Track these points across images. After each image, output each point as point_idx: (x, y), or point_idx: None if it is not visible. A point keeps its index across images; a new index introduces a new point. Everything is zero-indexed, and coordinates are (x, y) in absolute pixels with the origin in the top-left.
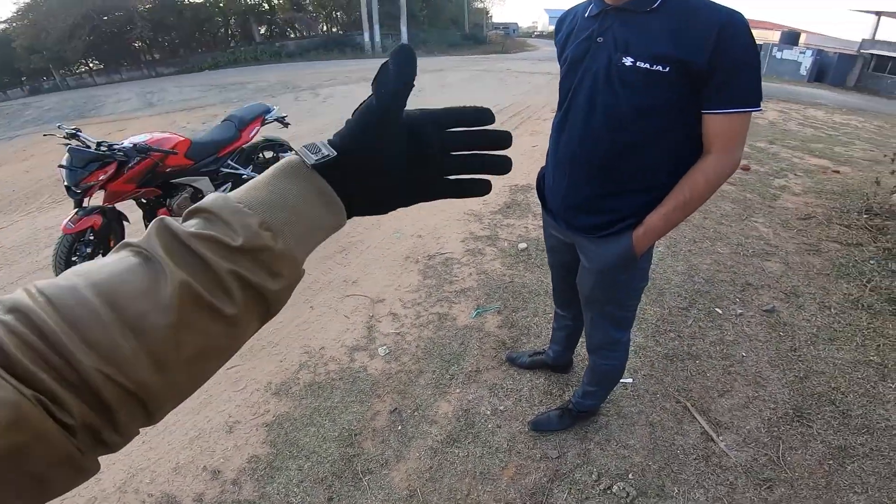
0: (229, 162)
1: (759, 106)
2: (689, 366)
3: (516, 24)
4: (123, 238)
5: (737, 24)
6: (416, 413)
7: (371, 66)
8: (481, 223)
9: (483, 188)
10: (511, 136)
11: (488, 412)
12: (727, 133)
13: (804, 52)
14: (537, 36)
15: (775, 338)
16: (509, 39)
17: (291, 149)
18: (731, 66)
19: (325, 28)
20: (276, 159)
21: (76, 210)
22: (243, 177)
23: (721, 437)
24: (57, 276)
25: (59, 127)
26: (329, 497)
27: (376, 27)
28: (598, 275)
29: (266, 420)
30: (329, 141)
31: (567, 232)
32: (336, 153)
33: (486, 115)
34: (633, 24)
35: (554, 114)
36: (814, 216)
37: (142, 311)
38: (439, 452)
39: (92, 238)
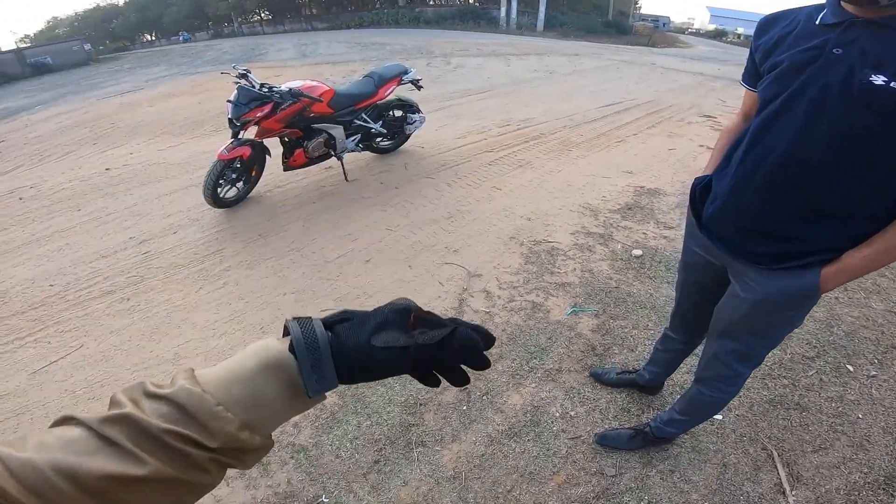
0: (363, 115)
1: None
2: (791, 415)
3: (668, 17)
4: (262, 170)
5: None
6: (484, 397)
7: (503, 42)
8: (596, 220)
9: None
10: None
11: (557, 414)
12: None
13: None
14: (691, 33)
15: None
16: (658, 33)
17: (420, 111)
18: None
19: None
20: (403, 119)
21: (232, 140)
22: (372, 130)
23: (794, 492)
24: (205, 195)
25: (234, 67)
26: (376, 460)
27: (514, 3)
28: (754, 306)
29: None
30: (331, 343)
31: (724, 255)
32: (336, 383)
33: (489, 342)
34: (892, 40)
35: (701, 117)
36: None
37: (103, 489)
38: (496, 442)
39: (238, 166)
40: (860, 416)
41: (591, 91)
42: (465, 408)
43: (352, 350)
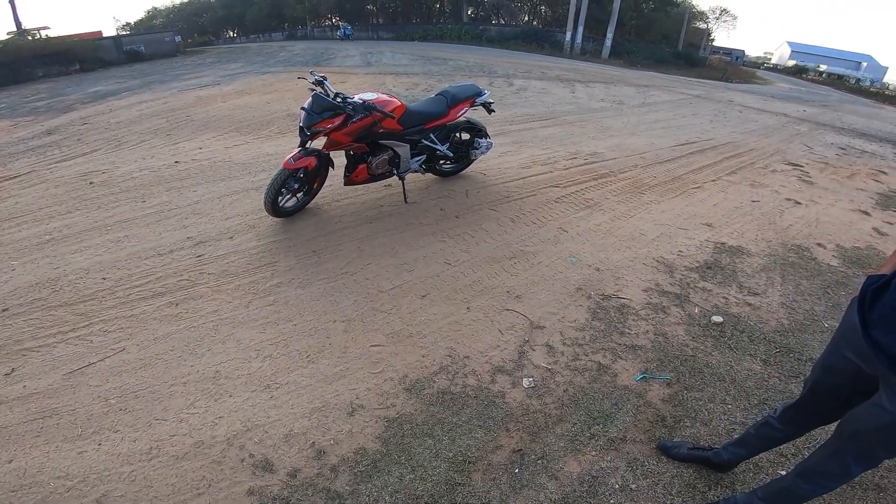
0: (431, 135)
1: None
2: (868, 496)
3: (742, 51)
4: (324, 182)
5: None
6: (539, 461)
7: (567, 66)
8: (672, 277)
9: None
10: None
11: (617, 486)
12: None
13: None
14: (768, 68)
15: None
16: (733, 66)
17: (488, 136)
18: None
19: (527, 19)
20: (470, 143)
21: (299, 149)
22: (438, 152)
23: None
24: (266, 203)
25: (311, 73)
26: None
27: (580, 28)
28: None
29: (389, 415)
30: None
31: (883, 367)
32: None
33: None
34: None
35: (787, 165)
36: None
37: None
38: None
39: (301, 176)
40: None
41: (663, 127)
42: (516, 471)
43: None
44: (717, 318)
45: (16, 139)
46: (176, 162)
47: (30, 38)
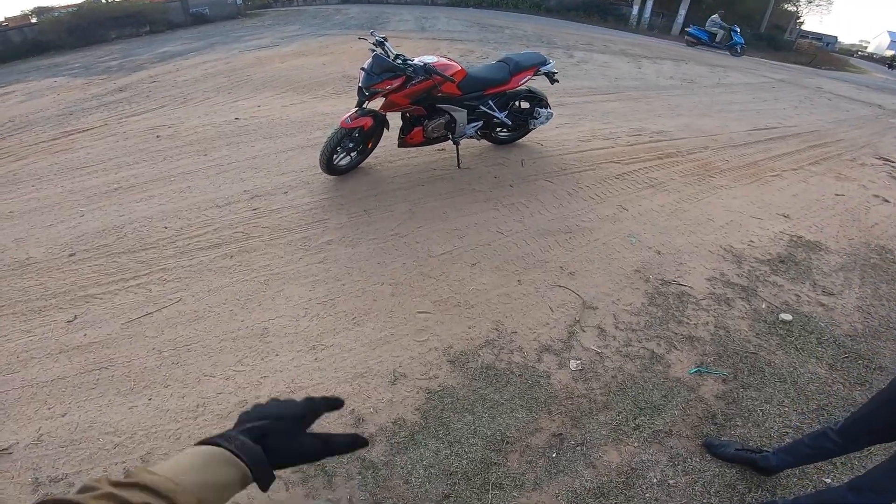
0: (490, 102)
1: None
2: None
3: (835, 37)
4: (378, 142)
5: None
6: (578, 448)
7: (632, 41)
8: (740, 268)
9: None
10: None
11: (655, 481)
12: None
13: None
14: (862, 56)
15: None
16: (823, 53)
17: (549, 106)
18: None
19: None
20: (530, 112)
21: (356, 109)
22: (495, 120)
23: None
24: (321, 160)
25: (371, 33)
26: (447, 494)
27: (649, 2)
28: None
29: (430, 386)
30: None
31: None
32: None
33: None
34: None
35: (877, 160)
36: None
37: None
38: (580, 499)
39: (357, 136)
40: None
41: (739, 110)
42: (554, 455)
43: (284, 458)
44: (786, 317)
45: (89, 95)
46: (236, 118)
47: (104, 1)
